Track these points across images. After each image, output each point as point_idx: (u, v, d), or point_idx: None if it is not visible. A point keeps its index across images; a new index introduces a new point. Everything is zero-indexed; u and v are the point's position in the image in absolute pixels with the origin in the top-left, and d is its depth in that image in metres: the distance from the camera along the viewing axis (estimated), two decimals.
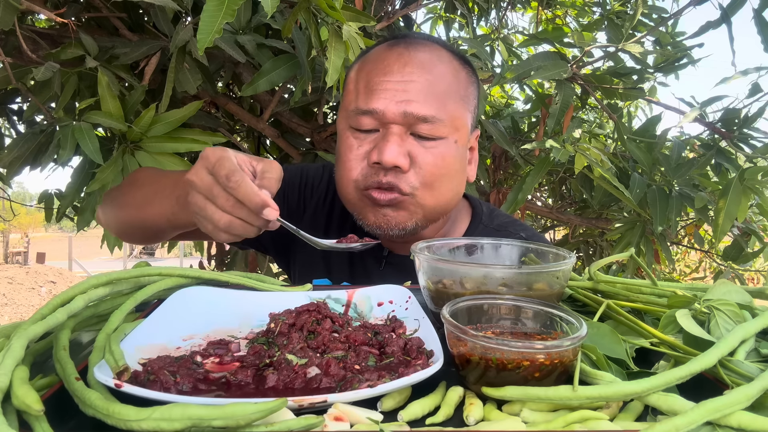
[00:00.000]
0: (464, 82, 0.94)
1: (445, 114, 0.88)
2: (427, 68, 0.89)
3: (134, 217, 0.98)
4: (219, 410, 0.38)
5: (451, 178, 0.92)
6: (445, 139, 0.89)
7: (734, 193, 1.77)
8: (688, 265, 5.36)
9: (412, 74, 0.88)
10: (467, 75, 0.96)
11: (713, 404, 0.40)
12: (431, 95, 0.87)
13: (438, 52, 0.94)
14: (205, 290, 0.69)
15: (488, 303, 0.56)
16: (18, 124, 1.93)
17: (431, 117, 0.86)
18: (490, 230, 1.06)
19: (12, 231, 15.65)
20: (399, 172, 0.87)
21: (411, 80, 0.87)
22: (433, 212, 0.93)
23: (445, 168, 0.90)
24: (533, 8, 2.96)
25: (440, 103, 0.88)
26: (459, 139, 0.91)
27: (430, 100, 0.87)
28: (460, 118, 0.91)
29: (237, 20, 1.50)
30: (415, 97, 0.86)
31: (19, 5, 1.16)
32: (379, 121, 0.88)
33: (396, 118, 0.86)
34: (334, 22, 1.25)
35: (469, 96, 0.94)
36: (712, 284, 0.64)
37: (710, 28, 1.81)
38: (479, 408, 0.45)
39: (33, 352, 0.53)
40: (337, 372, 0.49)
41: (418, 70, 0.88)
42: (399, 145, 0.86)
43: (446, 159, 0.89)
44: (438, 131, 0.88)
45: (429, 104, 0.87)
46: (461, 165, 0.94)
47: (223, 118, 2.07)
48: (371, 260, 1.06)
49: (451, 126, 0.89)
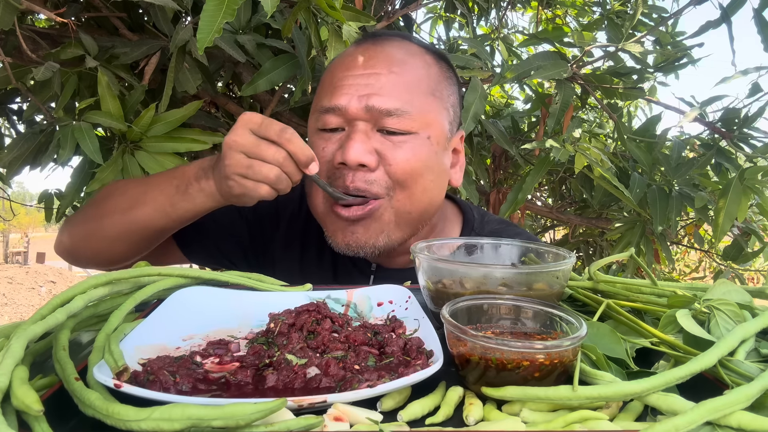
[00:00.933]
0: (436, 77, 0.89)
1: (413, 107, 0.83)
2: (392, 62, 0.85)
3: (120, 224, 0.91)
4: (219, 410, 0.38)
5: (427, 177, 0.85)
6: (416, 134, 0.83)
7: (734, 193, 1.77)
8: (688, 264, 5.36)
9: (375, 67, 0.84)
10: (440, 70, 0.91)
11: (713, 404, 0.40)
12: (396, 88, 0.83)
13: (407, 46, 0.90)
14: (205, 290, 0.69)
15: (488, 303, 0.56)
16: (18, 123, 1.93)
17: (395, 110, 0.82)
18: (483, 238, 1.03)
19: (12, 231, 15.65)
20: (367, 171, 0.82)
21: (374, 73, 0.83)
22: (409, 219, 0.86)
23: (418, 164, 0.83)
24: (533, 8, 2.96)
25: (407, 97, 0.83)
26: (432, 135, 0.85)
27: (395, 92, 0.82)
28: (431, 113, 0.85)
29: (237, 20, 1.50)
30: (378, 90, 0.82)
31: (19, 5, 1.16)
32: (344, 117, 0.84)
33: (359, 113, 0.82)
34: (334, 22, 1.25)
35: (443, 91, 0.89)
36: (712, 284, 0.64)
37: (710, 28, 1.81)
38: (479, 408, 0.45)
39: (33, 352, 0.53)
40: (337, 372, 0.49)
41: (382, 64, 0.85)
42: (363, 142, 0.81)
43: (418, 154, 0.83)
44: (406, 125, 0.82)
45: (393, 97, 0.82)
46: (438, 165, 0.87)
47: (223, 118, 2.07)
48: (358, 275, 1.00)
49: (420, 121, 0.83)
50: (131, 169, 1.45)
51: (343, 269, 1.00)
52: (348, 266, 1.00)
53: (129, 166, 1.44)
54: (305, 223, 1.04)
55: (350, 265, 1.00)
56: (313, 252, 1.02)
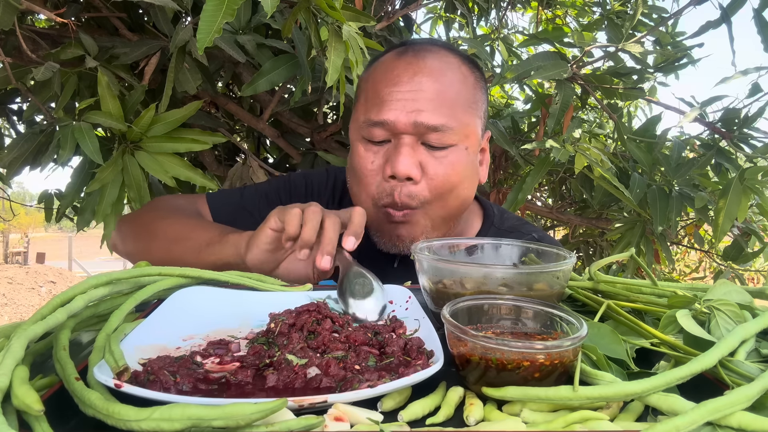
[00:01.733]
0: (472, 88, 0.94)
1: (455, 122, 0.88)
2: (435, 76, 0.89)
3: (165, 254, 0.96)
4: (219, 410, 0.38)
5: (461, 185, 0.92)
6: (456, 146, 0.89)
7: (734, 193, 1.77)
8: (688, 265, 5.36)
9: (422, 83, 0.88)
10: (475, 80, 0.96)
11: (713, 404, 0.40)
12: (441, 104, 0.88)
13: (446, 58, 0.94)
14: (205, 290, 0.69)
15: (488, 303, 0.56)
16: (18, 124, 1.93)
17: (441, 126, 0.87)
18: (502, 232, 1.06)
19: (12, 231, 15.64)
20: (412, 184, 0.89)
21: (420, 89, 0.88)
22: (443, 221, 0.94)
23: (456, 176, 0.90)
24: (533, 8, 2.96)
25: (450, 112, 0.88)
26: (470, 146, 0.92)
27: (440, 108, 0.87)
28: (469, 125, 0.91)
29: (237, 20, 1.50)
30: (424, 106, 0.87)
31: (19, 5, 1.16)
32: (390, 131, 0.89)
33: (407, 128, 0.87)
34: (334, 22, 1.25)
35: (478, 101, 0.94)
36: (712, 284, 0.64)
37: (710, 28, 1.81)
38: (479, 408, 0.45)
39: (33, 352, 0.53)
40: (338, 372, 0.49)
41: (426, 79, 0.89)
42: (410, 156, 0.87)
43: (456, 167, 0.90)
44: (448, 140, 0.88)
45: (439, 113, 0.87)
46: (472, 171, 0.95)
47: (223, 118, 2.07)
48: (382, 258, 1.04)
49: (461, 134, 0.89)
50: (131, 169, 1.45)
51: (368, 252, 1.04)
52: (373, 248, 1.04)
53: (129, 166, 1.44)
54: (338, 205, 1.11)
55: (372, 246, 1.04)
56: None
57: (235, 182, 1.87)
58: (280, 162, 2.20)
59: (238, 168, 1.89)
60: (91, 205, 1.50)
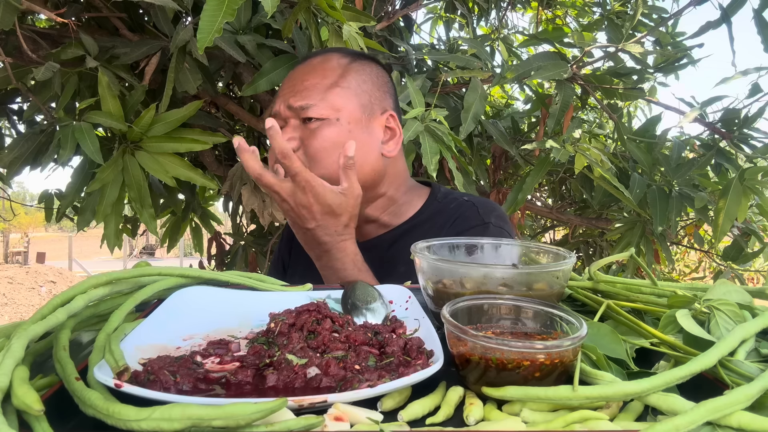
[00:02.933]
0: (344, 72, 1.07)
1: (320, 99, 1.03)
2: (308, 71, 1.07)
3: None
4: (219, 410, 0.38)
5: (337, 151, 1.01)
6: (327, 119, 1.03)
7: (734, 193, 1.77)
8: (688, 265, 5.36)
9: (295, 78, 1.07)
10: (350, 66, 1.09)
11: (713, 404, 0.40)
12: (307, 89, 1.05)
13: (326, 56, 1.10)
14: (205, 290, 0.69)
15: (488, 303, 0.56)
16: (18, 124, 1.93)
17: (305, 105, 1.02)
18: (441, 203, 1.17)
19: (12, 231, 15.64)
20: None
21: (295, 83, 1.07)
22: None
23: (328, 141, 1.02)
24: (533, 8, 2.96)
25: (315, 92, 1.04)
26: (342, 117, 1.04)
27: (305, 92, 1.04)
28: (337, 100, 1.04)
29: (237, 20, 1.50)
30: (295, 93, 1.04)
31: (20, 5, 1.16)
32: (281, 119, 1.05)
33: (285, 112, 1.05)
34: (335, 22, 1.25)
35: (351, 82, 1.07)
36: (712, 284, 0.64)
37: (710, 28, 1.81)
38: (479, 408, 0.45)
39: (33, 352, 0.53)
40: (337, 372, 0.49)
41: (301, 75, 1.07)
42: (287, 132, 1.03)
43: (327, 134, 1.03)
44: (316, 113, 1.02)
45: (304, 95, 1.03)
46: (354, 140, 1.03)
47: (223, 118, 2.07)
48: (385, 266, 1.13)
49: (329, 108, 1.03)
50: (131, 169, 1.45)
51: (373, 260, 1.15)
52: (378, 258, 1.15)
53: (129, 166, 1.44)
54: None
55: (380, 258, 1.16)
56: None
57: (235, 182, 1.87)
58: None
59: (238, 168, 1.89)
60: (91, 205, 1.50)
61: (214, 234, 2.41)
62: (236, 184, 1.87)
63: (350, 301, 0.69)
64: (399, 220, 1.14)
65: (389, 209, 1.14)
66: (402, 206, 1.16)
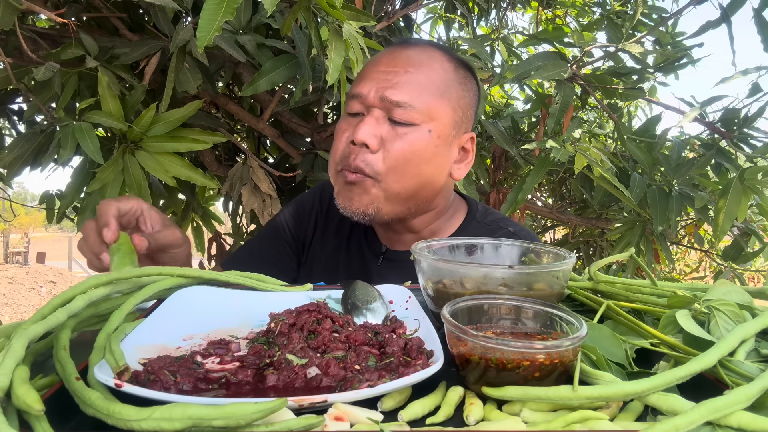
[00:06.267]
0: (448, 79, 1.00)
1: (419, 102, 0.95)
2: (411, 63, 0.98)
3: None
4: (219, 410, 0.38)
5: (420, 166, 0.97)
6: (418, 126, 0.95)
7: (734, 193, 1.77)
8: (688, 264, 5.36)
9: (397, 66, 0.97)
10: (455, 75, 1.01)
11: (713, 404, 0.40)
12: (408, 83, 0.96)
13: (430, 52, 1.01)
14: (205, 290, 0.69)
15: (488, 303, 0.56)
16: (18, 124, 1.93)
17: (404, 102, 0.94)
18: (483, 225, 1.11)
19: (12, 231, 15.64)
20: (368, 152, 0.95)
21: (394, 71, 0.97)
22: (398, 197, 0.97)
23: (413, 154, 0.95)
24: (533, 8, 2.96)
25: (416, 93, 0.95)
26: (433, 129, 0.96)
27: (406, 88, 0.95)
28: (434, 110, 0.97)
29: (237, 20, 1.50)
30: (393, 85, 0.95)
31: (20, 5, 1.16)
32: (363, 104, 0.97)
33: (375, 101, 0.95)
34: (335, 21, 1.25)
35: (452, 93, 0.99)
36: (712, 284, 0.64)
37: (710, 28, 1.81)
38: (479, 408, 0.45)
39: (33, 352, 0.53)
40: (338, 372, 0.49)
41: (403, 64, 0.98)
42: (373, 126, 0.94)
43: (414, 145, 0.95)
44: (410, 117, 0.94)
45: (403, 91, 0.95)
46: (435, 156, 0.98)
47: (223, 118, 2.07)
48: (370, 255, 1.12)
49: (424, 115, 0.95)
50: (132, 169, 1.45)
51: (357, 248, 1.14)
52: (362, 246, 1.13)
53: (129, 166, 1.44)
54: (326, 211, 1.21)
55: (364, 245, 1.13)
56: (332, 230, 1.19)
57: (235, 182, 1.87)
58: (280, 162, 2.20)
59: (238, 168, 1.89)
60: (91, 204, 1.50)
61: (214, 234, 2.41)
62: (236, 184, 1.87)
63: (350, 301, 0.69)
64: (438, 235, 1.10)
65: (433, 224, 1.09)
66: (443, 221, 1.11)
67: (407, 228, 1.06)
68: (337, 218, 1.17)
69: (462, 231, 1.09)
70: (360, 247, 1.14)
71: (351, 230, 1.16)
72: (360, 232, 1.14)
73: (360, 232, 1.14)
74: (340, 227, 1.17)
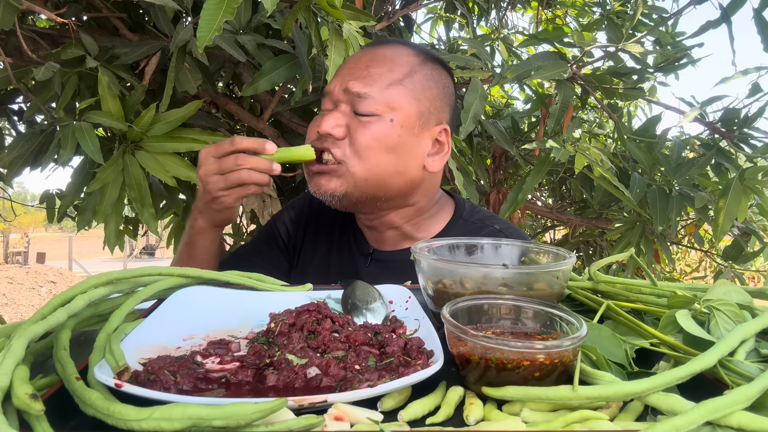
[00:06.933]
0: (413, 73, 1.03)
1: (380, 94, 0.98)
2: (375, 59, 1.03)
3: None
4: (219, 410, 0.38)
5: (384, 151, 0.99)
6: (380, 116, 0.99)
7: (734, 193, 1.77)
8: (689, 264, 5.36)
9: (360, 62, 1.03)
10: (422, 67, 1.04)
11: (713, 404, 0.40)
12: (369, 77, 1.00)
13: (397, 48, 1.06)
14: (205, 290, 0.69)
15: (488, 303, 0.56)
16: (18, 124, 1.93)
17: (364, 93, 0.98)
18: (469, 224, 1.12)
19: (12, 231, 15.64)
20: (334, 140, 0.99)
21: (358, 66, 1.02)
22: (366, 183, 1.00)
23: (375, 140, 0.98)
24: (533, 8, 2.96)
25: (376, 84, 0.99)
26: (396, 119, 0.99)
27: (367, 80, 0.99)
28: (396, 100, 1.00)
29: (237, 20, 1.50)
30: (356, 78, 1.00)
31: (20, 5, 1.16)
32: (331, 100, 1.02)
33: (340, 95, 1.00)
34: (335, 21, 1.25)
35: (416, 84, 1.02)
36: (712, 284, 0.64)
37: (710, 28, 1.81)
38: (479, 408, 0.45)
39: (33, 352, 0.53)
40: (338, 372, 0.49)
41: (366, 60, 1.03)
42: (337, 117, 0.99)
43: (377, 133, 0.99)
44: (371, 108, 0.98)
45: (365, 83, 0.99)
46: (400, 145, 1.00)
47: (223, 118, 2.07)
48: (359, 257, 1.14)
49: (385, 105, 0.99)
50: (132, 169, 1.45)
51: (347, 250, 1.16)
52: (351, 247, 1.15)
53: (129, 166, 1.44)
54: (317, 215, 1.23)
55: (353, 247, 1.15)
56: (323, 234, 1.21)
57: None
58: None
59: None
60: (91, 204, 1.50)
61: None
62: None
63: (350, 301, 0.69)
64: (422, 233, 1.10)
65: (414, 220, 1.10)
66: (427, 219, 1.12)
67: (385, 224, 1.08)
68: (327, 222, 1.19)
69: (449, 230, 1.10)
70: (350, 249, 1.15)
71: (341, 233, 1.17)
72: (349, 234, 1.16)
73: (349, 234, 1.16)
74: (330, 231, 1.19)
